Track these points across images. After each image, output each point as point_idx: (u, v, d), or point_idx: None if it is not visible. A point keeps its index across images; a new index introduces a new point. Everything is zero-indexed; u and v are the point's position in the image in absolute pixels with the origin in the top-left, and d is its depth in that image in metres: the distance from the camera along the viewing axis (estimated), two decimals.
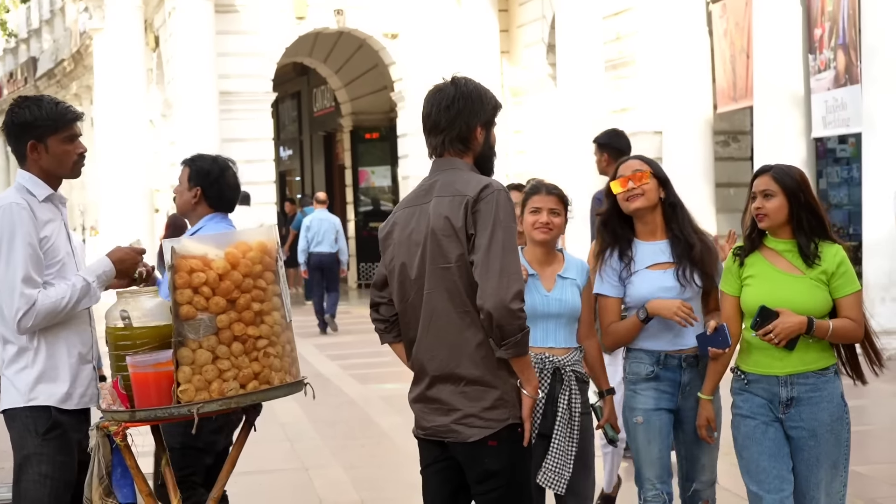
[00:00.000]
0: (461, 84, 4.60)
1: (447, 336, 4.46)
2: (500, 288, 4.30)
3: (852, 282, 5.06)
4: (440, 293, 4.44)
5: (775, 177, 5.03)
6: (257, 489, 8.41)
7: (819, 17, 15.02)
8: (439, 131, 4.56)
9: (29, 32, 48.63)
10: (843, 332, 5.07)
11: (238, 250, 4.61)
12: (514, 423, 4.46)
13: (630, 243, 5.35)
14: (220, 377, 4.49)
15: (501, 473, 4.44)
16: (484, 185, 4.40)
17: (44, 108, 4.79)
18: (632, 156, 5.56)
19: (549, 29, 22.02)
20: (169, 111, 25.69)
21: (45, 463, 4.67)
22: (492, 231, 4.34)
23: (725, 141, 18.74)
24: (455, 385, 4.46)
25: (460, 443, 4.47)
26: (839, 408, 5.18)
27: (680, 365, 5.31)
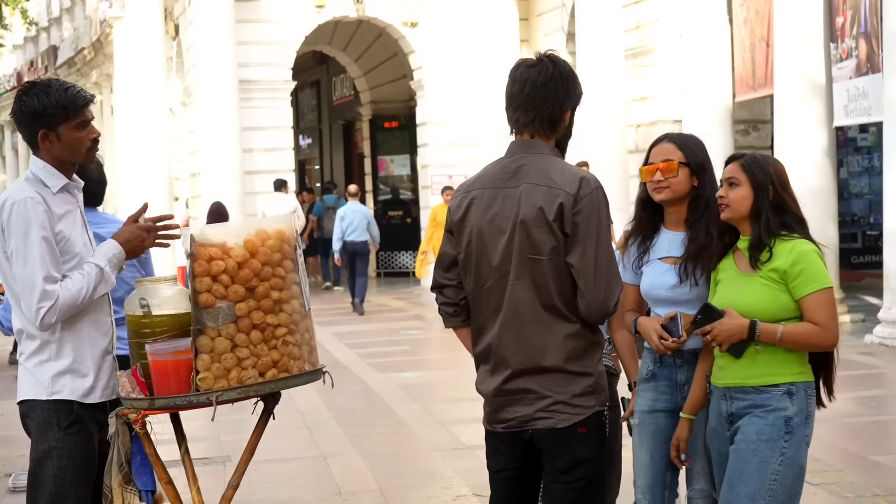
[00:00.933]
0: (559, 63, 4.43)
1: (534, 329, 4.32)
2: (606, 295, 4.25)
3: (813, 280, 4.48)
4: (526, 285, 4.30)
5: (744, 165, 4.61)
6: (276, 477, 8.43)
7: (841, 6, 14.95)
8: (531, 108, 4.37)
9: (49, 21, 48.74)
10: (796, 338, 4.48)
11: (257, 238, 4.60)
12: (601, 409, 4.37)
13: (655, 231, 5.02)
14: (239, 365, 4.49)
15: (591, 461, 4.33)
16: (581, 180, 4.25)
17: (52, 94, 4.64)
18: (668, 135, 5.09)
19: (569, 17, 21.97)
20: (189, 99, 25.72)
21: (65, 457, 4.62)
22: (597, 233, 4.24)
23: (745, 130, 18.70)
24: (542, 375, 4.32)
25: (548, 430, 4.32)
26: (775, 430, 4.48)
27: (675, 362, 4.92)
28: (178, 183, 27.53)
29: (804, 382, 4.52)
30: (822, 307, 4.48)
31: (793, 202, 4.61)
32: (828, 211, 15.34)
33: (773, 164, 4.63)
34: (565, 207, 4.23)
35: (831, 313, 4.50)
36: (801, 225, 4.60)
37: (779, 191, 4.57)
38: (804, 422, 4.50)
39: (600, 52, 18.94)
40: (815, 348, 4.54)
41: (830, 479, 7.63)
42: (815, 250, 4.53)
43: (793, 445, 4.46)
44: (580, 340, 4.32)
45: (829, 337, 4.51)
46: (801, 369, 4.52)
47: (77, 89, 4.74)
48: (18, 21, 43.04)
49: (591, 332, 4.36)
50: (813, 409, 4.56)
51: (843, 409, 9.69)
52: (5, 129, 55.00)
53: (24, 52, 53.72)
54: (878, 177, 17.36)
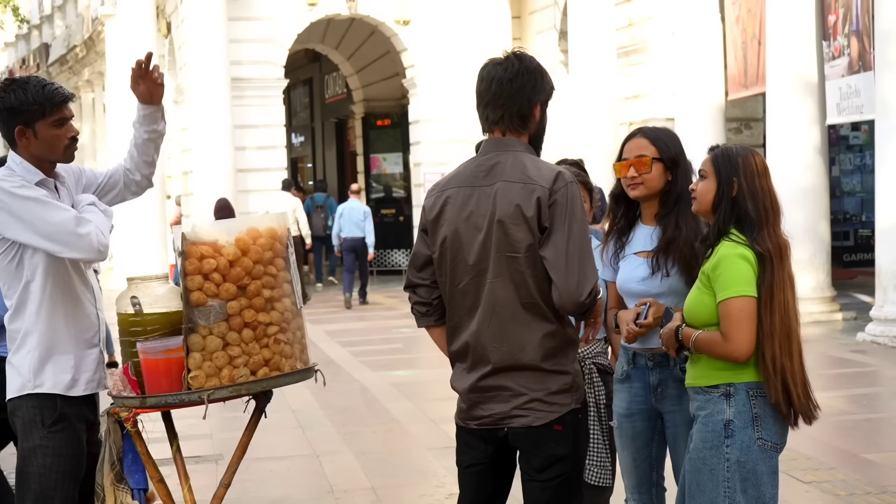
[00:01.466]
0: (525, 59, 4.43)
1: (512, 327, 4.32)
2: (577, 286, 4.21)
3: (725, 287, 4.28)
4: (504, 283, 4.30)
5: (712, 157, 4.47)
6: (268, 476, 8.42)
7: (833, 4, 14.96)
8: (499, 105, 4.38)
9: (41, 18, 48.66)
10: (704, 347, 4.35)
11: (249, 237, 4.60)
12: (577, 407, 4.36)
13: (631, 226, 5.00)
14: (231, 364, 4.48)
15: (567, 458, 4.33)
16: (557, 174, 4.27)
17: (30, 91, 4.62)
18: (641, 129, 5.01)
19: (562, 15, 21.98)
20: (181, 97, 25.69)
21: (50, 455, 4.60)
22: (569, 227, 4.23)
23: (738, 128, 18.72)
24: (519, 372, 4.32)
25: (524, 428, 4.32)
26: (715, 436, 4.36)
27: (646, 364, 4.90)
28: (170, 181, 27.49)
29: (745, 383, 4.33)
30: (728, 317, 4.28)
31: (764, 197, 4.38)
32: (820, 209, 15.37)
33: (743, 157, 4.42)
34: (542, 202, 4.24)
35: (738, 325, 4.26)
36: (760, 224, 4.35)
37: (744, 185, 4.37)
38: (749, 424, 4.32)
39: (593, 50, 18.96)
40: (722, 359, 4.33)
41: (822, 477, 7.64)
42: (740, 254, 4.30)
43: (736, 449, 4.31)
44: (557, 339, 4.33)
45: (732, 349, 4.28)
46: (742, 370, 4.33)
47: (55, 86, 4.71)
48: (10, 19, 42.95)
49: (567, 331, 4.37)
50: (763, 409, 4.33)
51: (835, 407, 9.71)
52: None
53: (15, 50, 53.63)
54: (870, 175, 17.39)
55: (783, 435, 4.39)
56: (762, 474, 4.33)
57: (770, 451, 4.34)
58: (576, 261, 4.21)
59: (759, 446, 4.32)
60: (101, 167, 32.27)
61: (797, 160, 14.95)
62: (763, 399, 4.33)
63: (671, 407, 4.88)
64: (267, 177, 24.07)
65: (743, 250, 4.30)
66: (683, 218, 4.80)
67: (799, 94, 15.17)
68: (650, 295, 4.81)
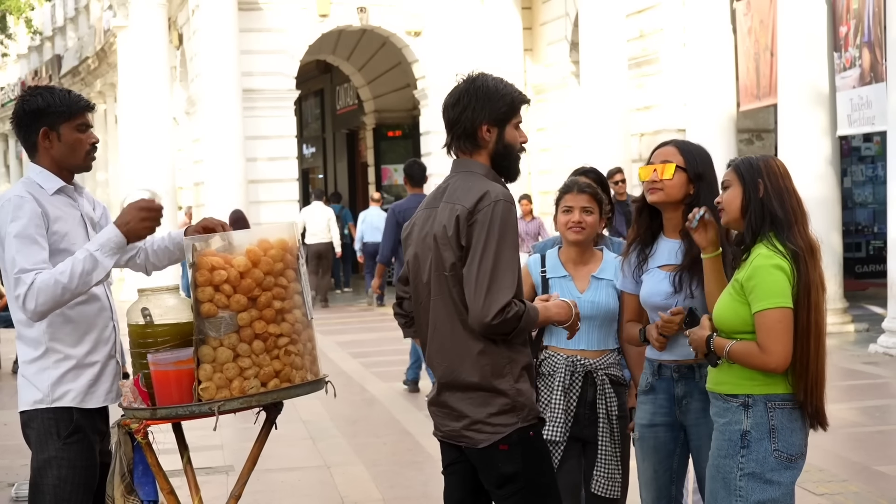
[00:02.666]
0: (472, 80, 4.52)
1: (450, 343, 4.43)
2: (484, 307, 4.27)
3: (761, 298, 4.26)
4: (443, 300, 4.43)
5: (734, 166, 4.47)
6: (279, 487, 8.42)
7: (844, 15, 14.94)
8: (449, 128, 4.53)
9: (53, 30, 48.84)
10: (739, 358, 4.33)
11: (259, 248, 4.60)
12: (524, 426, 4.41)
13: (654, 238, 5.02)
14: (241, 375, 4.48)
15: (519, 476, 4.40)
16: (480, 195, 4.32)
17: (56, 95, 4.70)
18: (674, 140, 5.07)
19: (573, 27, 21.98)
20: (193, 109, 25.74)
21: (65, 467, 4.61)
22: (484, 244, 4.29)
23: (749, 139, 18.68)
24: (462, 392, 4.43)
25: (473, 448, 4.45)
26: (731, 446, 4.36)
27: (672, 376, 4.92)
28: (181, 192, 27.54)
29: (764, 395, 4.32)
30: (764, 328, 4.25)
31: (790, 197, 4.38)
32: (832, 220, 15.33)
33: (764, 161, 4.44)
34: (460, 221, 4.33)
35: (775, 336, 4.24)
36: (790, 224, 4.34)
37: (769, 185, 4.36)
38: (766, 436, 4.31)
39: (604, 61, 18.94)
40: (757, 370, 4.31)
41: (834, 489, 7.61)
42: (775, 265, 4.27)
43: (752, 461, 4.31)
44: (495, 357, 4.38)
45: (770, 360, 4.26)
46: (763, 381, 4.32)
47: (78, 94, 4.81)
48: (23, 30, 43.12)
49: (507, 350, 4.40)
50: (781, 422, 4.32)
51: (847, 419, 9.68)
52: (9, 138, 55.09)
53: (28, 62, 53.83)
54: (882, 186, 17.35)
55: (801, 446, 4.38)
56: (780, 485, 4.32)
57: (786, 462, 4.33)
58: (485, 281, 4.27)
59: (776, 458, 4.31)
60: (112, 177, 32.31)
61: (809, 171, 14.92)
62: (781, 411, 4.32)
63: (696, 420, 4.88)
64: (278, 188, 24.11)
65: (779, 260, 4.28)
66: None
67: (810, 105, 15.15)
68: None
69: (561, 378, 5.40)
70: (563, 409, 5.39)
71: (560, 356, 5.45)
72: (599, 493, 5.39)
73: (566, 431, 5.39)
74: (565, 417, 5.39)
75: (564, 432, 5.39)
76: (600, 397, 5.38)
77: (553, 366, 5.45)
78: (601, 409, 5.39)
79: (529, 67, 24.24)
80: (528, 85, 23.98)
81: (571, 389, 5.40)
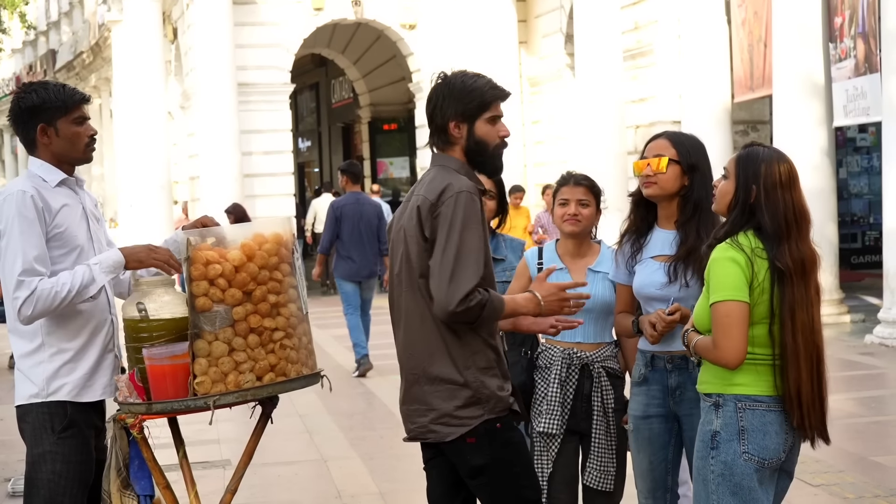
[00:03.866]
0: (446, 78, 4.60)
1: (417, 336, 4.47)
2: (447, 295, 4.30)
3: (714, 291, 4.15)
4: (411, 293, 4.46)
5: (737, 158, 4.31)
6: (276, 481, 8.41)
7: (839, 6, 14.94)
8: (429, 123, 4.62)
9: (48, 25, 48.75)
10: (700, 353, 4.26)
11: (254, 242, 4.60)
12: (491, 418, 4.43)
13: (649, 229, 5.01)
14: (237, 369, 4.48)
15: (488, 467, 4.44)
16: (443, 188, 4.38)
17: (51, 90, 4.70)
18: (666, 132, 5.06)
19: (567, 19, 21.97)
20: (187, 103, 25.72)
21: (59, 462, 4.62)
22: (447, 235, 4.33)
23: (745, 130, 18.70)
24: (430, 385, 4.46)
25: (442, 442, 4.49)
26: (704, 447, 4.26)
27: (665, 367, 4.91)
28: (177, 186, 27.53)
29: (734, 395, 4.20)
30: (714, 322, 4.15)
31: (786, 209, 4.19)
32: (827, 211, 15.33)
33: (766, 164, 4.23)
34: (423, 213, 4.38)
35: (723, 330, 4.12)
36: (780, 238, 4.17)
37: (762, 195, 4.19)
38: (735, 437, 4.18)
39: (599, 53, 18.94)
40: (715, 364, 4.21)
41: (831, 479, 7.62)
42: (729, 258, 4.14)
43: (720, 462, 4.19)
44: (460, 350, 4.42)
45: (720, 355, 4.15)
46: (733, 380, 4.20)
47: (73, 87, 4.80)
48: (17, 25, 43.04)
49: (472, 342, 4.44)
50: (751, 423, 4.19)
51: (844, 410, 9.68)
52: (4, 133, 55.04)
53: (22, 56, 53.74)
54: (877, 177, 17.35)
55: (774, 450, 4.22)
56: (750, 490, 4.20)
57: (756, 465, 4.20)
58: (448, 270, 4.31)
59: (745, 460, 4.19)
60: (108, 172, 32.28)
61: (804, 162, 14.88)
62: (752, 412, 4.20)
63: (689, 410, 4.87)
64: (274, 182, 24.09)
65: (734, 253, 4.15)
66: (704, 227, 4.80)
67: (805, 96, 15.15)
68: (669, 302, 4.83)
69: (557, 371, 5.41)
70: (560, 402, 5.39)
71: (557, 349, 5.45)
72: (592, 486, 5.40)
73: (563, 424, 5.39)
74: (562, 410, 5.39)
75: (561, 425, 5.39)
76: (596, 390, 5.39)
77: (550, 358, 5.46)
78: (597, 402, 5.39)
79: (524, 60, 24.23)
80: (523, 77, 23.98)
81: (568, 382, 5.40)
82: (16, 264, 4.51)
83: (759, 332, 4.18)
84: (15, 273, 4.51)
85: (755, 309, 4.17)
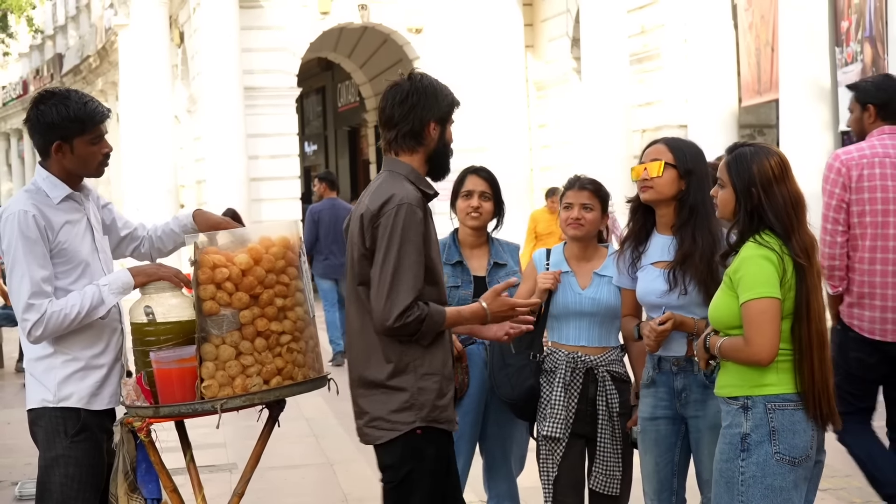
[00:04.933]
0: (417, 79, 4.57)
1: (358, 340, 4.51)
2: (384, 310, 4.33)
3: (746, 289, 4.17)
4: (355, 297, 4.51)
5: (728, 164, 4.33)
6: (282, 484, 8.42)
7: (846, 10, 14.94)
8: (392, 126, 4.53)
9: (55, 29, 48.83)
10: (729, 354, 4.26)
11: (261, 246, 4.60)
12: (422, 425, 4.44)
13: (648, 235, 5.05)
14: (244, 373, 4.49)
15: (392, 469, 4.49)
16: (385, 199, 4.37)
17: (71, 108, 4.63)
18: (663, 138, 5.13)
19: (574, 23, 21.97)
20: (194, 107, 25.73)
21: (72, 465, 4.62)
22: (386, 248, 4.35)
23: (751, 134, 18.67)
24: (366, 388, 4.49)
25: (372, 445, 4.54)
26: (732, 449, 4.26)
27: (671, 369, 4.94)
28: (183, 190, 27.54)
29: (763, 396, 4.22)
30: (748, 319, 4.16)
31: (786, 203, 4.24)
32: None
33: (758, 163, 4.27)
34: (364, 223, 4.40)
35: (758, 327, 4.14)
36: (787, 233, 4.22)
37: (762, 195, 4.24)
38: (766, 438, 4.20)
39: (605, 57, 18.94)
40: (746, 364, 4.22)
41: (838, 484, 7.61)
42: (763, 255, 4.18)
43: (752, 464, 4.20)
44: (398, 356, 4.43)
45: (754, 352, 4.16)
46: (762, 381, 4.22)
47: (95, 104, 4.73)
48: (24, 29, 43.12)
49: (412, 349, 4.43)
50: (782, 423, 4.21)
51: None
52: (11, 136, 55.09)
53: (29, 61, 53.81)
54: None
55: (804, 448, 4.25)
56: (782, 490, 4.22)
57: (788, 465, 4.22)
58: (386, 284, 4.33)
59: (777, 460, 4.21)
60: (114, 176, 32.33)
61: (811, 166, 14.86)
62: (782, 412, 4.22)
63: (695, 412, 4.91)
64: (280, 185, 24.10)
65: (767, 252, 4.19)
66: (700, 231, 4.84)
67: (812, 100, 15.14)
68: (670, 307, 4.85)
69: (562, 374, 5.41)
70: (564, 406, 5.39)
71: (561, 352, 5.45)
72: (598, 490, 5.40)
73: (567, 428, 5.39)
74: (566, 414, 5.39)
75: (565, 429, 5.39)
76: (601, 394, 5.38)
77: (555, 362, 5.46)
78: (601, 406, 5.39)
79: (531, 64, 24.23)
80: (530, 81, 23.98)
81: (572, 386, 5.40)
82: (23, 286, 4.53)
83: (785, 327, 4.23)
84: (24, 296, 4.53)
85: (783, 304, 4.21)
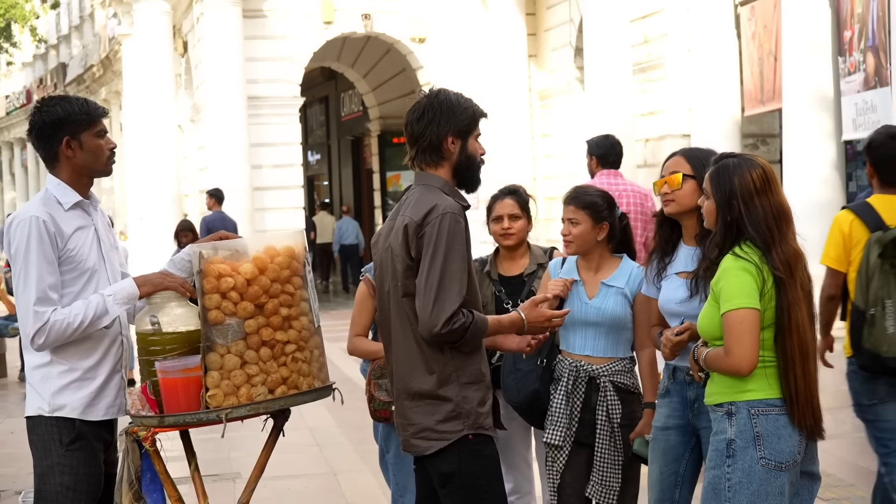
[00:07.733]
0: (434, 95, 4.64)
1: (402, 351, 4.55)
2: (432, 316, 4.39)
3: (726, 300, 4.21)
4: (396, 310, 4.55)
5: (711, 176, 4.41)
6: (286, 494, 8.42)
7: (848, 19, 14.94)
8: (413, 142, 4.62)
9: (58, 38, 48.93)
10: (712, 364, 4.31)
11: (266, 255, 4.61)
12: (468, 433, 4.50)
13: (675, 247, 5.08)
14: (249, 382, 4.49)
15: (454, 476, 4.50)
16: (429, 209, 4.45)
17: (74, 104, 4.72)
18: (682, 149, 5.18)
19: (577, 32, 21.98)
20: (197, 116, 25.76)
21: (67, 474, 4.63)
22: (432, 256, 4.41)
23: (754, 144, 18.68)
24: (410, 400, 4.55)
25: (422, 455, 4.57)
26: (718, 456, 4.30)
27: (685, 380, 4.94)
28: (187, 200, 27.56)
29: (746, 402, 4.25)
30: (727, 329, 4.21)
31: (766, 216, 4.28)
32: None
33: (739, 176, 4.33)
34: (409, 233, 4.46)
35: (736, 337, 4.18)
36: (767, 246, 4.25)
37: (743, 207, 4.29)
38: (751, 444, 4.23)
39: (608, 66, 18.93)
40: (728, 374, 4.27)
41: (841, 494, 7.61)
42: (742, 267, 4.22)
43: (738, 470, 4.23)
44: (442, 366, 4.49)
45: (733, 362, 4.21)
46: (744, 387, 4.26)
47: (93, 101, 4.84)
48: (28, 39, 43.21)
49: (454, 358, 4.50)
50: (766, 428, 4.24)
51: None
52: (14, 146, 55.17)
53: (33, 70, 53.92)
54: None
55: (790, 453, 4.27)
56: (768, 495, 4.23)
57: (774, 470, 4.24)
58: (433, 291, 4.39)
59: (763, 465, 4.23)
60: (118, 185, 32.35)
61: (814, 175, 14.92)
62: (766, 417, 4.25)
63: (707, 423, 4.83)
64: (283, 195, 24.11)
65: (745, 264, 4.23)
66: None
67: (815, 109, 15.14)
68: (689, 316, 4.85)
69: (565, 382, 5.42)
70: (567, 414, 5.40)
71: (566, 361, 5.47)
72: (594, 499, 5.39)
73: (570, 436, 5.40)
74: (568, 422, 5.40)
75: (567, 437, 5.40)
76: (601, 403, 5.38)
77: (560, 370, 5.48)
78: (601, 415, 5.38)
79: (534, 73, 24.24)
80: (533, 91, 23.98)
81: (574, 394, 5.42)
82: (29, 291, 4.55)
83: (767, 336, 4.26)
84: (29, 302, 4.54)
85: (764, 314, 4.24)
